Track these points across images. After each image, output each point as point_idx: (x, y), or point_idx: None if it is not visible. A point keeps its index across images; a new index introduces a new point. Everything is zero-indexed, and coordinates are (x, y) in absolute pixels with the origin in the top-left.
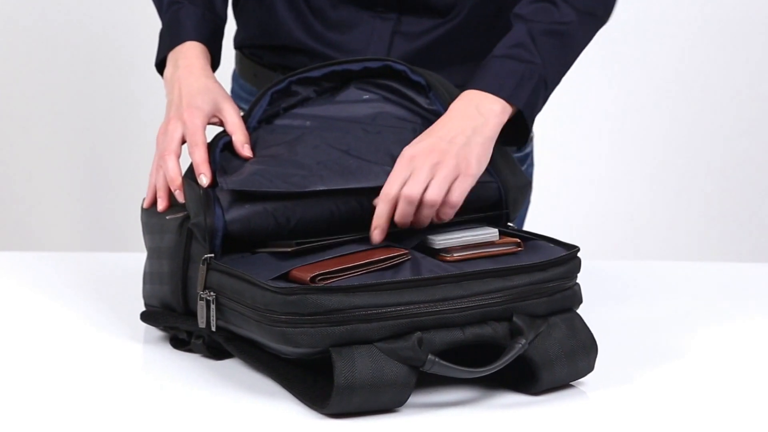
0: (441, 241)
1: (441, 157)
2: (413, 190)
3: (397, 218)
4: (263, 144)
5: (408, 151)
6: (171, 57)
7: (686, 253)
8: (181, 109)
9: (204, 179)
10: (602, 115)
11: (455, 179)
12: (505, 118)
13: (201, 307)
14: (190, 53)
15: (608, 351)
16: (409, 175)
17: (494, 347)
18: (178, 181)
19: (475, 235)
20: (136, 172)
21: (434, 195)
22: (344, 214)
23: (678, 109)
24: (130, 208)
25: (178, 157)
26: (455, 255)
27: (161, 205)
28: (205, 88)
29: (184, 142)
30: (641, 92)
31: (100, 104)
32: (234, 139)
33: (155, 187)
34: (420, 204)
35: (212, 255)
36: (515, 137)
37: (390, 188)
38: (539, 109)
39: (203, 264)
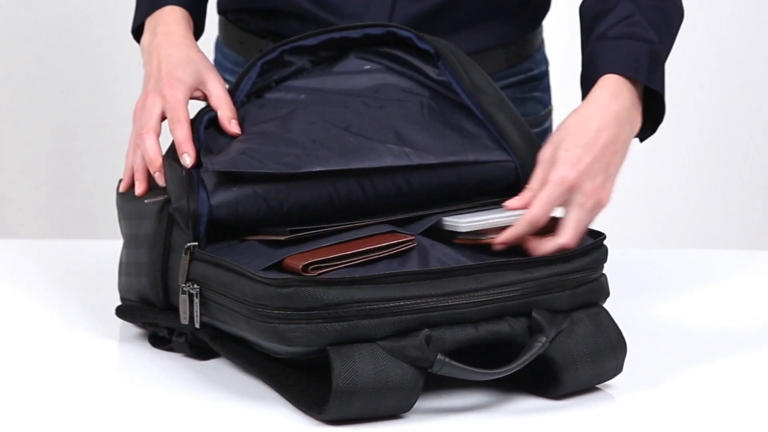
0: (469, 223)
1: (599, 192)
2: (569, 238)
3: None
4: (252, 120)
5: (565, 172)
6: (149, 23)
7: (724, 241)
8: (161, 82)
9: (187, 159)
10: None
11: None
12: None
13: (183, 302)
14: (170, 19)
15: (638, 350)
16: (564, 203)
17: (511, 346)
18: (158, 161)
19: (503, 216)
20: (111, 150)
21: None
22: (343, 197)
23: (715, 87)
24: (104, 190)
25: (158, 135)
26: (471, 237)
27: (139, 188)
28: (186, 58)
29: (164, 118)
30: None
31: (70, 76)
32: (219, 114)
33: (132, 168)
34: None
35: (196, 243)
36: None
37: (537, 212)
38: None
39: (186, 253)
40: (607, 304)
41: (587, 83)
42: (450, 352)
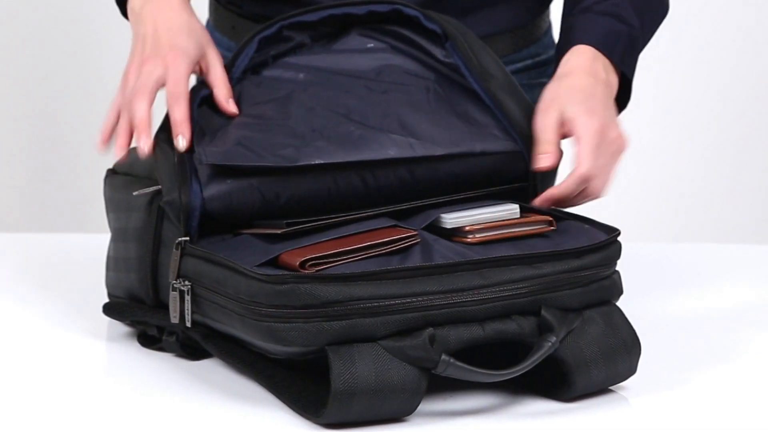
0: (454, 219)
1: (620, 139)
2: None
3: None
4: (249, 100)
5: (589, 121)
6: None
7: (741, 234)
8: (162, 49)
9: (182, 142)
10: (646, 71)
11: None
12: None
13: (173, 299)
14: None
15: (653, 350)
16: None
17: (519, 346)
18: (147, 130)
19: (494, 212)
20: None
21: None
22: (343, 190)
23: (733, 78)
24: (91, 180)
25: (151, 103)
26: (476, 236)
27: (119, 154)
28: (188, 27)
29: (160, 87)
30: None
31: (53, 58)
32: (216, 92)
33: (112, 129)
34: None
35: (187, 238)
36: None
37: (588, 165)
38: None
39: (176, 249)
40: (621, 302)
41: (561, 51)
42: (455, 352)
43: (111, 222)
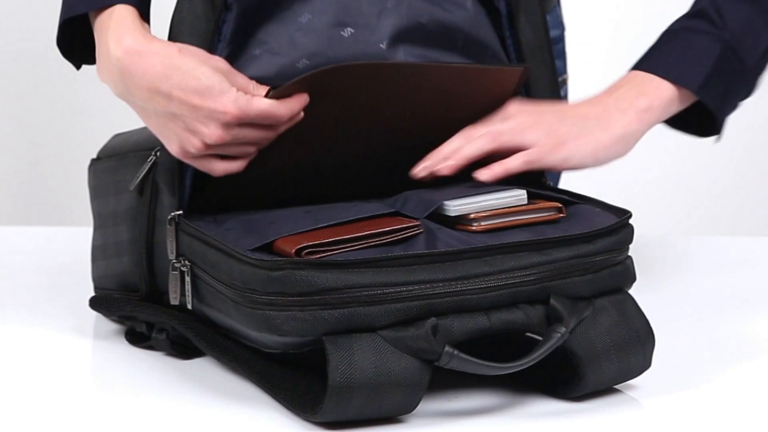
0: (458, 207)
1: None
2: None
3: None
4: None
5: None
6: (100, 26)
7: (760, 227)
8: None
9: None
10: None
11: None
12: (674, 108)
13: (174, 279)
14: (124, 23)
15: (668, 345)
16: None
17: (526, 338)
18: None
19: (500, 198)
20: (82, 126)
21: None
22: None
23: None
24: (73, 172)
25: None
26: (482, 224)
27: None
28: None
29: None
30: None
31: (32, 42)
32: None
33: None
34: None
35: (180, 212)
36: (701, 128)
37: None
38: (733, 96)
39: (171, 224)
40: (633, 291)
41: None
42: (459, 343)
43: (97, 209)
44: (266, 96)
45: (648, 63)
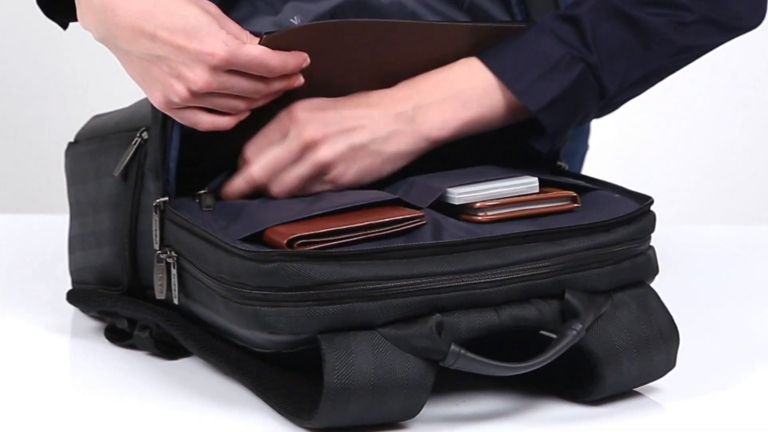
0: (463, 195)
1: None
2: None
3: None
4: None
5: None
6: None
7: None
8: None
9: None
10: None
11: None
12: (509, 118)
13: (159, 271)
14: None
15: (693, 341)
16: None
17: (537, 339)
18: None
19: (509, 186)
20: (58, 109)
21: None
22: None
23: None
24: (47, 155)
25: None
26: (488, 214)
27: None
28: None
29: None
30: None
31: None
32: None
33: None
34: None
35: (166, 199)
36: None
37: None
38: (582, 120)
39: (156, 213)
40: (656, 284)
41: None
42: (466, 341)
43: (76, 196)
44: (259, 44)
45: (496, 60)
